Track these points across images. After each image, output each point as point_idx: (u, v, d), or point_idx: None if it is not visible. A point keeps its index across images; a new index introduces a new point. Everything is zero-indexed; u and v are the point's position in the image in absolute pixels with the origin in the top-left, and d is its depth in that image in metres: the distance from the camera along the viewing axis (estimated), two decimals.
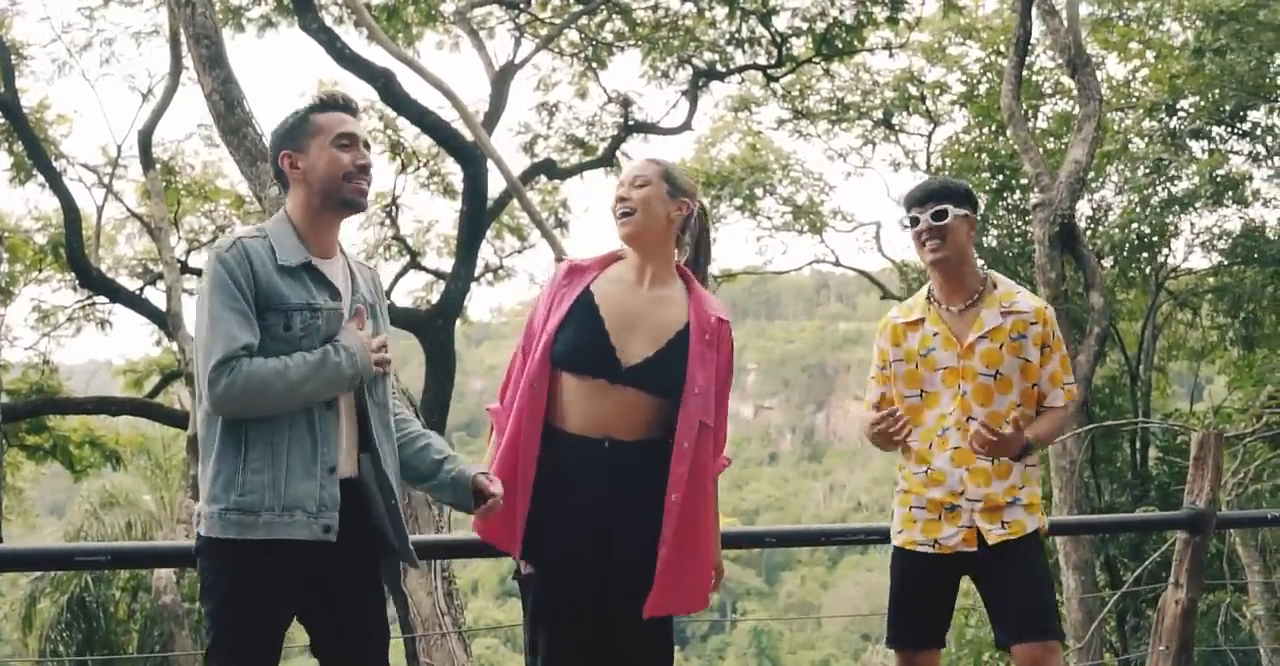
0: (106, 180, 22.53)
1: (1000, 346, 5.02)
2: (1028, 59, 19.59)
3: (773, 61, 22.63)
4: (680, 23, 21.56)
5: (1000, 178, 22.02)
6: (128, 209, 23.84)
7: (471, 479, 4.36)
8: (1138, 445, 21.59)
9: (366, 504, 4.24)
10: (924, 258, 5.13)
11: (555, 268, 4.78)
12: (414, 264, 24.15)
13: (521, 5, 20.68)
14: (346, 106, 4.30)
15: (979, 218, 5.29)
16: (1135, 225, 20.04)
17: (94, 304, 23.74)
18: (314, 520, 4.01)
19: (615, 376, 4.46)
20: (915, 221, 5.09)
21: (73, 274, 21.13)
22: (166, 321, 19.95)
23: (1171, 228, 20.87)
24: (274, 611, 4.04)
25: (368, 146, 4.29)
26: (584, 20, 21.21)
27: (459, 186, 20.00)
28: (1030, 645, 4.94)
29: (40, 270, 23.87)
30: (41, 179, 20.40)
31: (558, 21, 20.78)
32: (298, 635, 4.37)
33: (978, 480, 5.01)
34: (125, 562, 3.50)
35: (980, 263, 5.23)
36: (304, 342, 4.06)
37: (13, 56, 19.64)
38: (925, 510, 5.09)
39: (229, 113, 8.71)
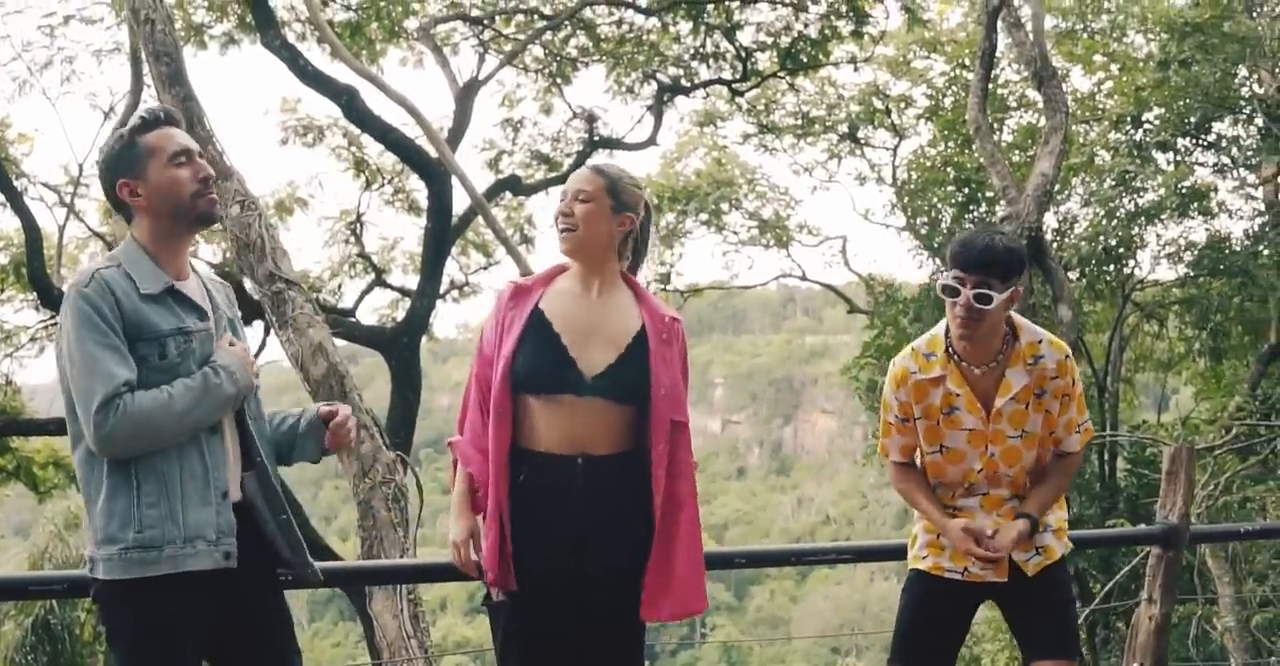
0: (68, 199, 22.38)
1: (1026, 406, 4.87)
2: (993, 72, 19.62)
3: (738, 76, 22.65)
4: (645, 38, 21.58)
5: (966, 191, 22.02)
6: (89, 228, 23.68)
7: (317, 413, 4.35)
8: (1106, 457, 21.58)
9: (257, 523, 4.17)
10: (952, 328, 4.79)
11: (500, 290, 4.72)
12: (379, 281, 24.04)
13: (485, 22, 20.68)
14: (170, 120, 4.16)
15: (946, 231, 5.16)
16: (1102, 237, 20.03)
17: (56, 323, 23.55)
18: (215, 548, 3.95)
19: (581, 389, 4.40)
20: (955, 292, 4.65)
21: (35, 293, 20.94)
22: None
23: (1138, 239, 20.87)
24: (185, 648, 3.96)
25: (201, 156, 4.18)
26: (548, 36, 21.20)
27: (424, 203, 19.95)
28: (1055, 662, 4.94)
29: (1, 290, 23.67)
30: (1, 198, 20.23)
31: (522, 37, 20.80)
32: None
33: (1011, 518, 4.94)
34: (82, 591, 3.47)
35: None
36: (181, 368, 3.98)
37: None
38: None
39: (190, 131, 8.54)
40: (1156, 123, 20.31)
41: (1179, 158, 20.59)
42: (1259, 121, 20.02)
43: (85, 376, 3.83)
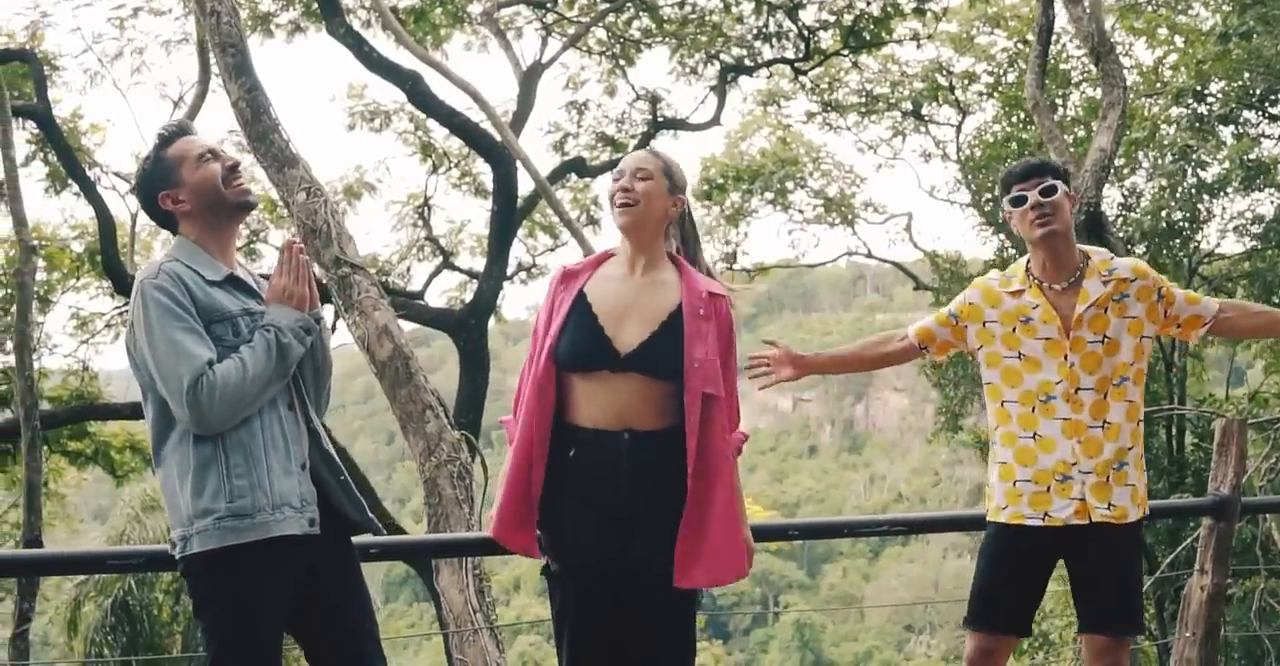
0: None
1: (1106, 310, 5.04)
2: (1056, 47, 19.59)
3: (800, 55, 22.64)
4: (707, 18, 21.60)
5: None
6: None
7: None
8: (1174, 431, 21.50)
9: (323, 488, 4.31)
10: (1031, 234, 5.07)
11: (552, 275, 4.84)
12: (447, 264, 24.17)
13: (548, 5, 20.76)
14: (183, 131, 4.39)
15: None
16: (1165, 212, 19.95)
17: (126, 316, 23.80)
18: (301, 514, 4.12)
19: (615, 364, 4.53)
20: (1022, 199, 5.05)
21: (109, 281, 21.24)
22: None
23: (1203, 213, 20.77)
24: (273, 615, 4.12)
25: (218, 150, 4.36)
26: (611, 18, 21.27)
27: (490, 186, 20.07)
28: (1108, 638, 5.04)
29: (78, 278, 23.96)
30: (76, 188, 20.51)
31: (585, 20, 20.85)
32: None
33: (1090, 450, 5.00)
34: (158, 565, 3.58)
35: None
36: None
37: (45, 68, 19.76)
38: (1033, 483, 5.05)
39: (255, 120, 8.76)
40: (1219, 95, 20.18)
41: (1243, 131, 20.46)
42: None
43: (170, 360, 4.00)
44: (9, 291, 19.95)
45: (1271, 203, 21.20)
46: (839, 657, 74.56)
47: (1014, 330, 5.11)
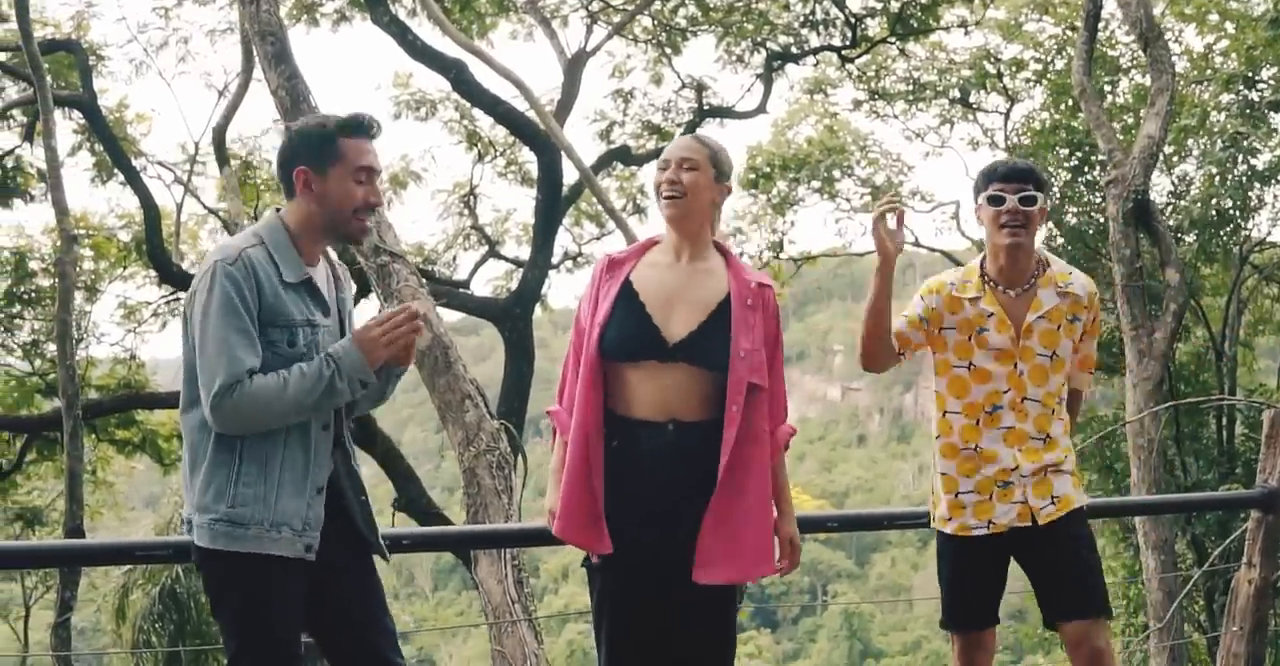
0: (185, 177, 22.72)
1: (1058, 328, 5.03)
2: (1104, 33, 19.43)
3: (847, 43, 22.57)
4: (754, 6, 21.52)
5: (1079, 154, 21.77)
6: (205, 206, 24.05)
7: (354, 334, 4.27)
8: (1224, 422, 21.35)
9: (342, 499, 4.29)
10: (998, 239, 5.05)
11: (596, 263, 4.78)
12: (493, 253, 24.21)
13: None
14: (370, 131, 4.28)
15: (1059, 195, 5.28)
16: (1215, 200, 19.76)
17: (178, 299, 23.92)
18: (298, 537, 4.08)
19: (663, 354, 4.49)
20: (999, 199, 5.01)
21: (154, 270, 21.32)
22: None
23: (1254, 201, 20.58)
24: (287, 620, 4.10)
25: (378, 174, 4.29)
26: (657, 6, 21.19)
27: (535, 175, 20.05)
28: (1079, 623, 5.00)
29: (125, 267, 24.07)
30: (122, 178, 20.60)
31: (630, 8, 20.77)
32: None
33: (1030, 458, 5.01)
34: (186, 556, 3.57)
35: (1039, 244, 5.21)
36: (305, 357, 4.11)
37: (91, 58, 19.86)
38: (975, 494, 5.07)
39: (294, 108, 8.76)
40: (1271, 82, 19.98)
41: None
42: None
43: (214, 356, 3.97)
44: (54, 281, 20.01)
45: None
46: (887, 647, 74.50)
47: (969, 339, 5.10)
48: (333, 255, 4.46)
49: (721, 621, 4.60)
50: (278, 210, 4.32)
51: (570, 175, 18.73)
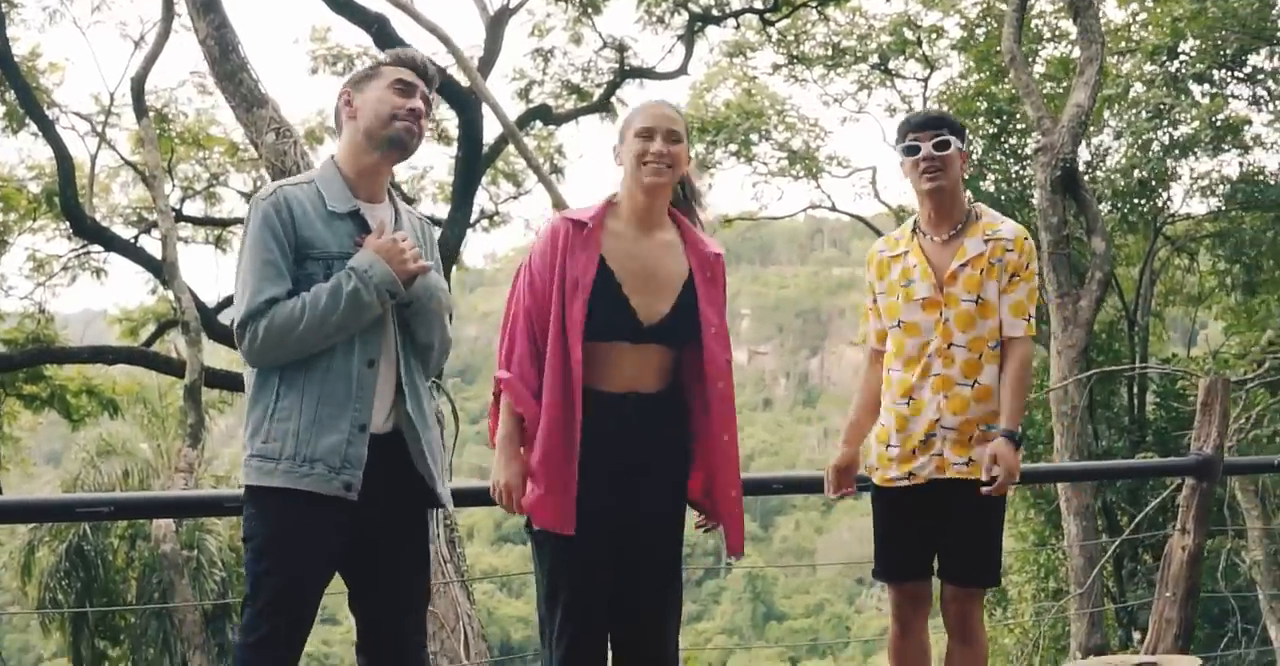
0: (100, 128, 22.41)
1: (980, 272, 5.04)
2: (1028, 2, 19.46)
3: (769, 6, 22.51)
4: None
5: (998, 122, 21.93)
6: (121, 157, 23.73)
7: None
8: (1135, 390, 21.59)
9: (407, 452, 4.17)
10: (919, 185, 5.09)
11: (550, 220, 4.69)
12: None
13: None
14: (422, 71, 4.27)
15: (976, 162, 5.27)
16: (1136, 170, 19.94)
17: (89, 253, 23.63)
18: (335, 475, 3.96)
19: (637, 336, 4.46)
20: (915, 149, 5.07)
21: (67, 223, 21.01)
22: (161, 269, 19.82)
23: (1171, 173, 20.79)
24: (310, 563, 4.01)
25: (428, 102, 4.23)
26: None
27: (454, 133, 19.89)
28: (956, 588, 5.15)
29: (35, 219, 23.74)
30: (34, 127, 20.25)
31: None
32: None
33: (955, 407, 5.04)
34: (127, 513, 3.46)
35: (969, 196, 5.25)
36: None
37: (3, 4, 19.47)
38: (900, 448, 5.11)
39: (224, 59, 8.62)
40: (1193, 54, 20.15)
41: (1214, 90, 20.45)
42: None
43: (240, 288, 3.97)
44: None
45: (1239, 163, 21.23)
46: (790, 609, 75.06)
47: (897, 298, 5.15)
48: (405, 205, 4.37)
49: (675, 586, 4.64)
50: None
51: (490, 133, 18.61)
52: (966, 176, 5.26)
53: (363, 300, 3.96)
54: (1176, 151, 20.00)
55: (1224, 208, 21.36)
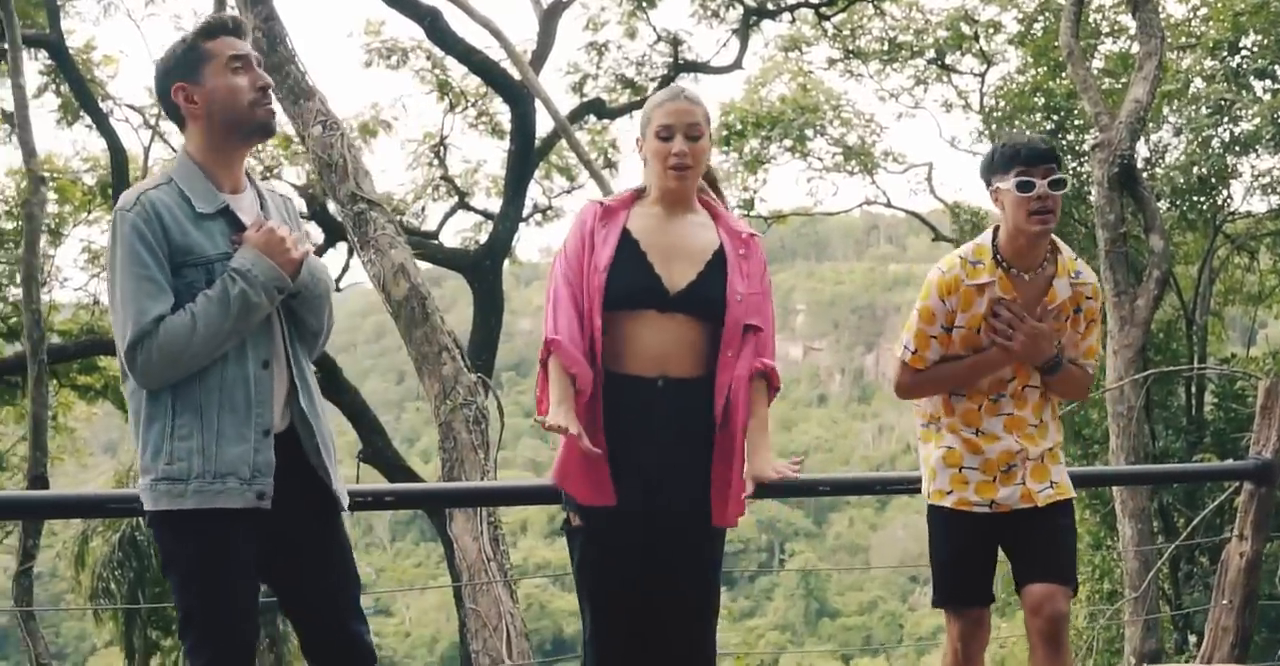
0: (153, 121, 22.48)
1: (1066, 319, 4.90)
2: None
3: (824, 0, 22.38)
4: None
5: (1055, 118, 21.72)
6: (173, 149, 23.79)
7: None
8: (1193, 391, 21.36)
9: (303, 449, 4.06)
10: (1026, 226, 4.77)
11: (582, 208, 4.64)
12: (462, 204, 24.03)
13: None
14: (235, 29, 4.02)
15: None
16: (1195, 167, 19.70)
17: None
18: (247, 486, 3.85)
19: (664, 304, 4.39)
20: (1029, 186, 4.73)
21: None
22: None
23: (1232, 170, 20.53)
24: (239, 579, 3.90)
25: (260, 64, 4.03)
26: None
27: (507, 126, 19.88)
28: (1045, 585, 4.91)
29: (89, 211, 23.87)
30: (88, 120, 20.35)
31: None
32: None
33: (1031, 442, 4.93)
34: None
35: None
36: None
37: None
38: (980, 472, 4.94)
39: (271, 51, 8.56)
40: (1254, 49, 19.88)
41: (1276, 86, 20.16)
42: None
43: (120, 310, 3.76)
44: (18, 223, 19.74)
45: None
46: (843, 606, 74.91)
47: (978, 331, 4.90)
48: (260, 182, 4.19)
49: (706, 578, 4.53)
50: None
51: (542, 127, 18.59)
52: None
53: (251, 301, 3.83)
54: (1237, 148, 19.73)
55: None
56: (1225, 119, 19.32)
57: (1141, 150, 21.06)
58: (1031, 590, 4.92)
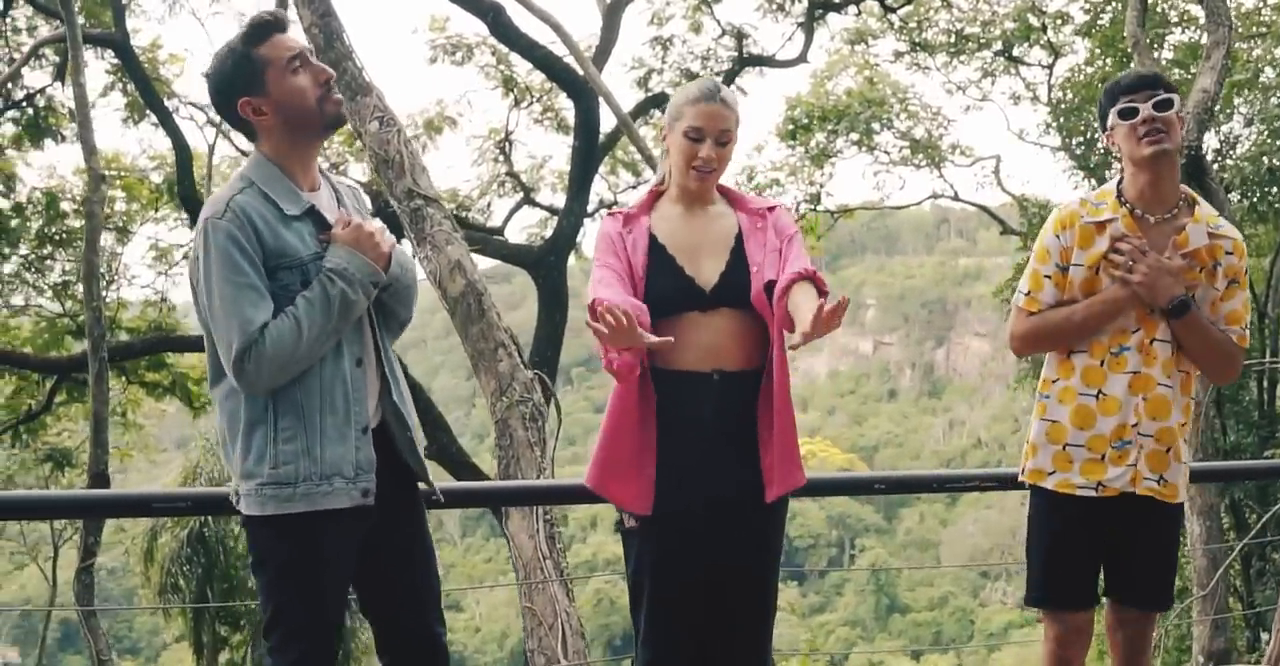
0: (217, 120, 22.63)
1: (1201, 269, 4.57)
2: None
3: None
4: None
5: None
6: (237, 148, 23.95)
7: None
8: (1265, 385, 21.11)
9: (392, 442, 4.08)
10: (1139, 152, 4.52)
11: (602, 221, 4.56)
12: (528, 200, 24.05)
13: None
14: (280, 24, 3.96)
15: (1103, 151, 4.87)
16: (1266, 158, 19.46)
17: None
18: (352, 485, 3.86)
19: (703, 303, 4.33)
20: (1132, 112, 4.54)
21: (185, 213, 21.26)
22: None
23: None
24: (336, 581, 3.93)
25: (314, 54, 3.98)
26: None
27: (572, 122, 19.86)
28: (1141, 613, 4.75)
29: (156, 209, 24.05)
30: (154, 119, 20.48)
31: None
32: None
33: (1155, 411, 4.56)
34: (206, 509, 3.40)
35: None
36: None
37: None
38: (1086, 449, 4.62)
39: (328, 47, 8.55)
40: None
41: None
42: None
43: (224, 319, 3.75)
44: (84, 222, 19.92)
45: None
46: (914, 602, 74.81)
47: (1097, 271, 4.61)
48: (334, 177, 4.21)
49: (764, 582, 4.47)
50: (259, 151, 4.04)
51: (607, 122, 18.55)
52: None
53: (351, 300, 3.85)
54: None
55: None
56: None
57: (1211, 141, 20.84)
58: (1120, 611, 4.77)
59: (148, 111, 20.65)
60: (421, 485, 4.24)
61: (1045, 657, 4.81)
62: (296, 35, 4.03)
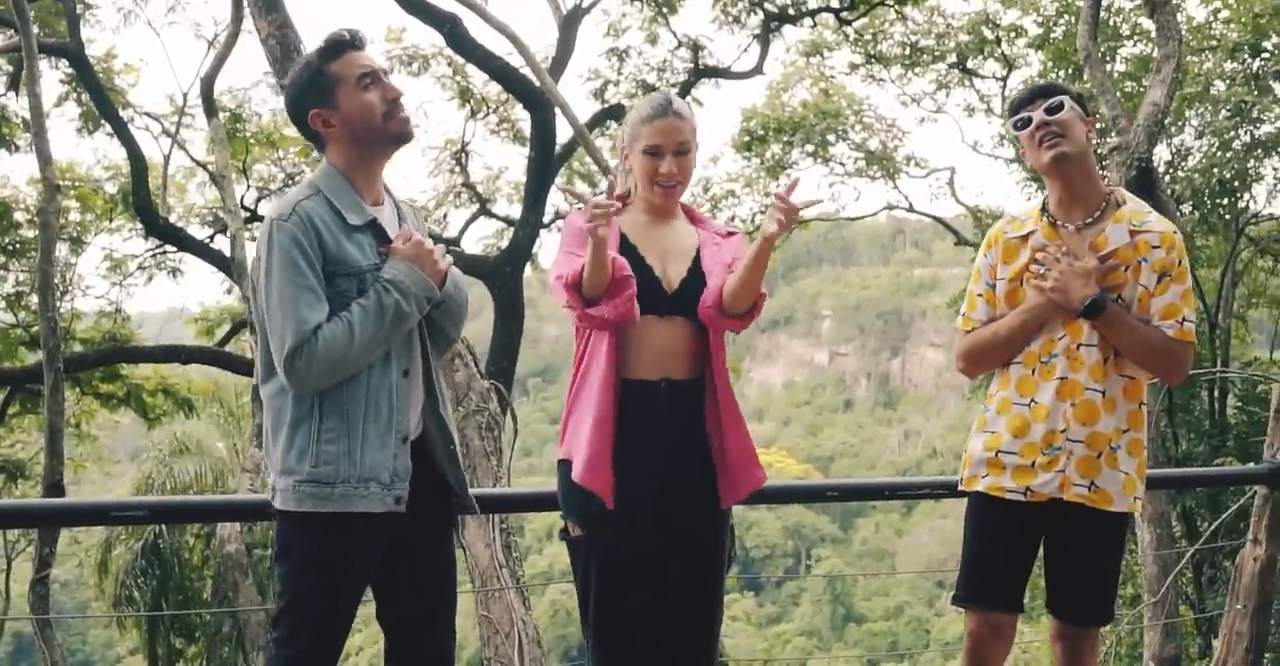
0: (173, 129, 22.59)
1: (1126, 269, 4.58)
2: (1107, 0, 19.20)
3: (845, 5, 22.38)
4: None
5: None
6: (192, 158, 23.91)
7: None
8: (1216, 394, 21.24)
9: (431, 455, 4.17)
10: (1039, 160, 4.64)
11: (572, 215, 4.61)
12: (484, 211, 24.09)
13: None
14: (353, 43, 4.11)
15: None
16: (1216, 170, 19.60)
17: (165, 252, 23.80)
18: (387, 491, 3.95)
19: (662, 307, 4.41)
20: (1027, 121, 4.67)
21: (140, 223, 21.19)
22: (231, 269, 19.94)
23: (1253, 173, 20.43)
24: (355, 583, 4.00)
25: (387, 73, 4.12)
26: None
27: (528, 133, 19.90)
28: (1077, 628, 4.78)
29: (111, 219, 23.95)
30: (109, 129, 20.44)
31: None
32: None
33: (1083, 416, 4.58)
34: (163, 517, 3.42)
35: (1106, 177, 4.85)
36: None
37: (79, 5, 19.63)
38: (1018, 456, 4.68)
39: (285, 58, 8.59)
40: (1275, 52, 19.80)
41: None
42: None
43: (280, 318, 3.85)
44: (37, 232, 19.84)
45: None
46: (869, 612, 74.86)
47: (1021, 283, 4.71)
48: (396, 194, 4.32)
49: (711, 592, 4.54)
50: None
51: (564, 133, 18.59)
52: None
53: (404, 311, 3.96)
54: (1259, 151, 19.64)
55: None
56: (1246, 122, 19.24)
57: (1163, 153, 20.98)
58: (1059, 624, 4.82)
59: (102, 121, 20.61)
60: (461, 494, 4.29)
61: (964, 654, 4.89)
62: (372, 54, 4.17)
